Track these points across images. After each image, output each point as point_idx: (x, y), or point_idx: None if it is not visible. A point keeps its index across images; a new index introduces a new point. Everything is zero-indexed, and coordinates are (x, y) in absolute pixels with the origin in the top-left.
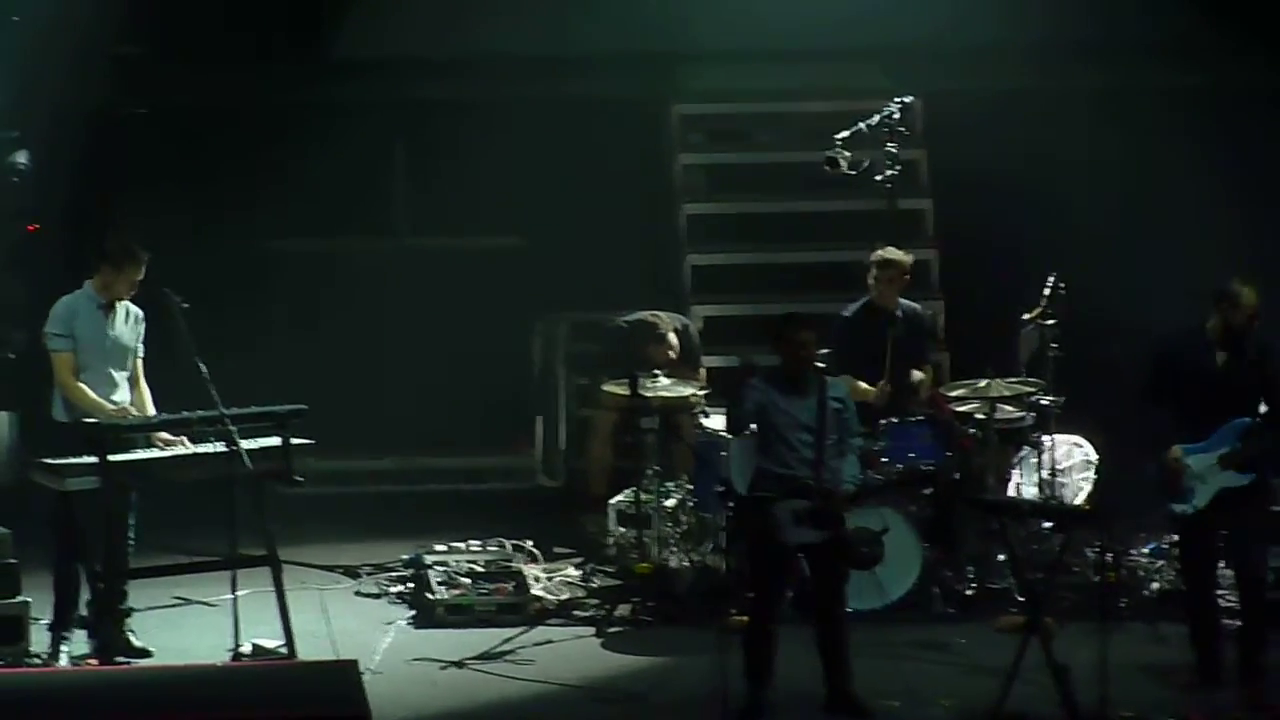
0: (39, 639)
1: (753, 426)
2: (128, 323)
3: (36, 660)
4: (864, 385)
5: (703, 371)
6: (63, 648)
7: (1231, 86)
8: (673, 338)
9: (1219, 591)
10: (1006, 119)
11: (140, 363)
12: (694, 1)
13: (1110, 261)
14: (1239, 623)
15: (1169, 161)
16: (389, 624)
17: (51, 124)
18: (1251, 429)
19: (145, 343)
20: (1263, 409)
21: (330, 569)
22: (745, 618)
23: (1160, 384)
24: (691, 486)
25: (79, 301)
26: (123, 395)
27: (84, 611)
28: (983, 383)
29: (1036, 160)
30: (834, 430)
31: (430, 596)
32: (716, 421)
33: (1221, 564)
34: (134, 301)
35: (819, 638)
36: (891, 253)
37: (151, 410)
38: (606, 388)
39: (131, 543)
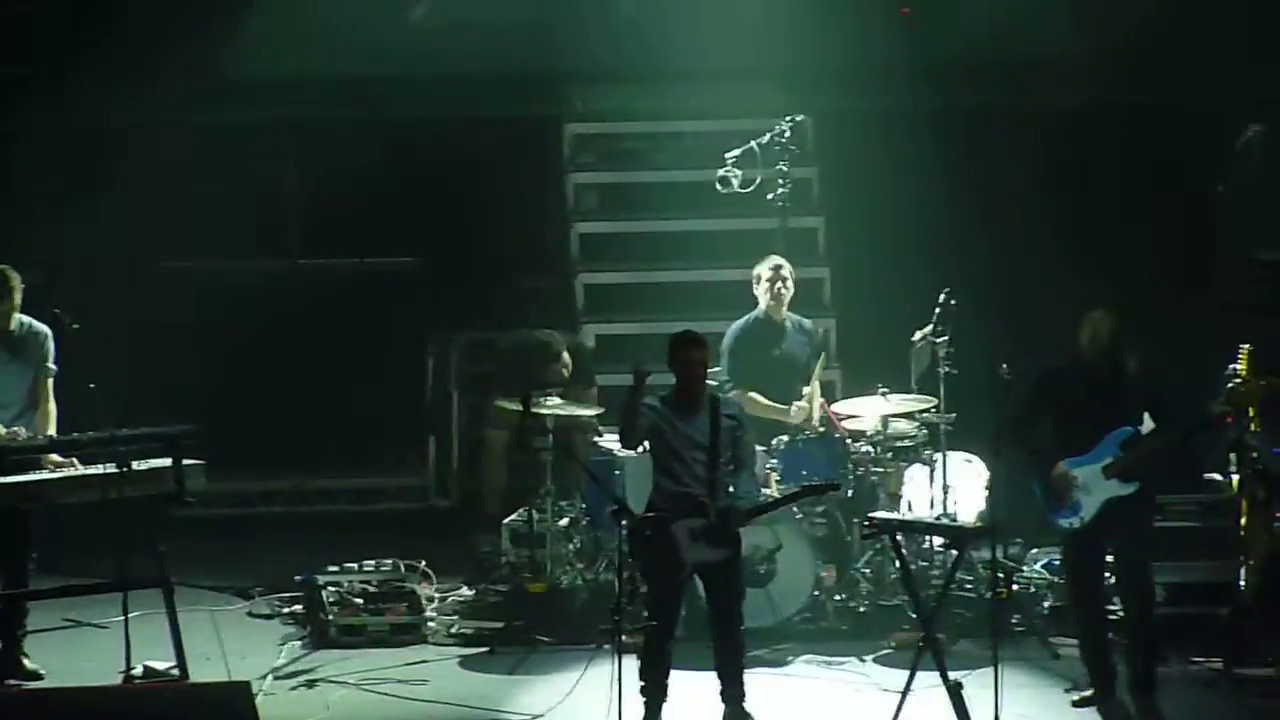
0: None
1: (645, 445)
2: (29, 343)
3: None
4: (777, 405)
5: (595, 390)
6: None
7: (1116, 105)
8: (566, 356)
9: (1108, 606)
10: (898, 137)
11: (50, 383)
12: (585, 22)
13: (1001, 279)
14: (1128, 638)
15: (1060, 180)
16: (282, 645)
17: None
18: (1132, 438)
19: (57, 361)
20: (1147, 425)
21: (222, 590)
22: (641, 637)
23: (1039, 401)
24: (585, 505)
25: None
26: (24, 417)
27: None
28: (875, 400)
29: (927, 179)
30: (728, 448)
31: (323, 617)
32: (610, 441)
33: (1110, 577)
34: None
35: (716, 655)
36: (775, 259)
37: (52, 431)
38: (500, 406)
39: (32, 566)
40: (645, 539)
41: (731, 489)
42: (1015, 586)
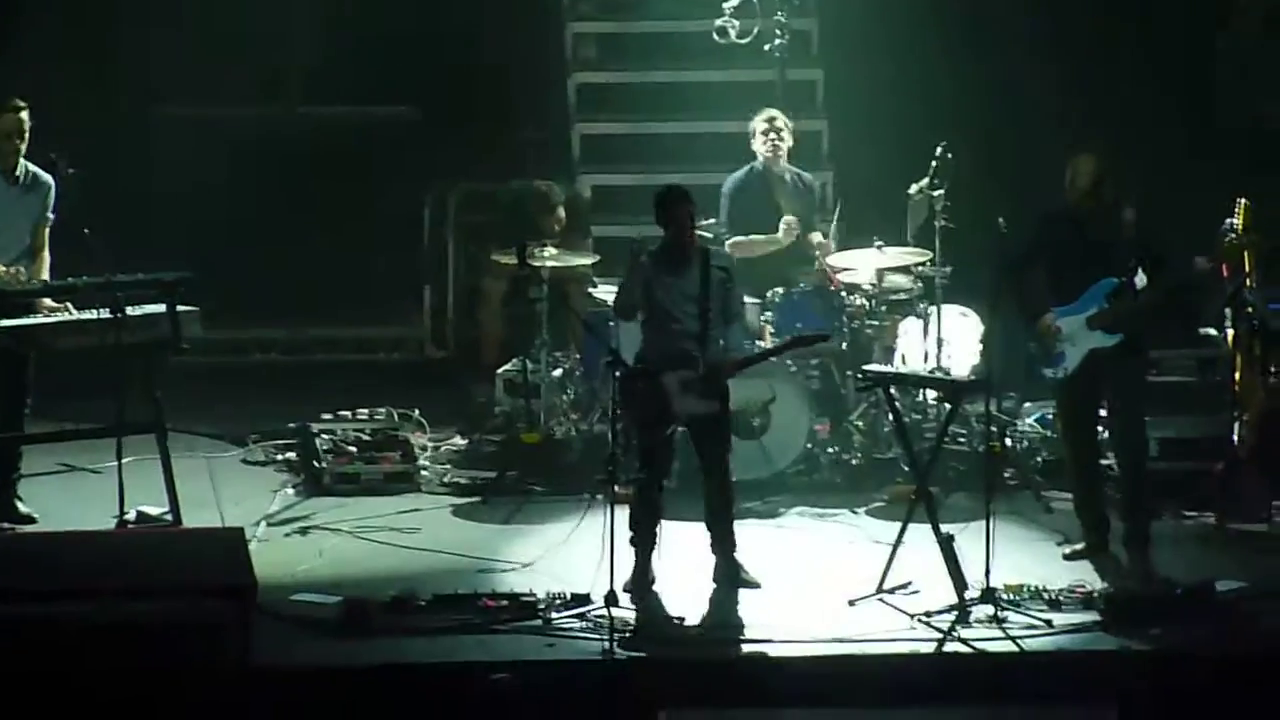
0: None
1: (640, 315)
2: (33, 189)
3: None
4: (764, 236)
5: (591, 241)
6: None
7: None
8: (561, 211)
9: (1102, 460)
10: None
11: (47, 231)
12: None
13: (1000, 131)
14: (1121, 492)
15: (1060, 28)
16: (275, 492)
17: None
18: (1119, 289)
19: (55, 211)
20: (1141, 278)
21: (217, 437)
22: (633, 488)
23: (1033, 249)
24: (580, 356)
25: None
26: (20, 261)
27: None
28: (870, 253)
29: (926, 30)
30: (718, 300)
31: (317, 465)
32: (606, 292)
33: (1104, 431)
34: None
35: (706, 508)
36: (770, 110)
37: (46, 277)
38: (496, 257)
39: (27, 411)
40: (636, 390)
41: (721, 341)
42: (1009, 440)
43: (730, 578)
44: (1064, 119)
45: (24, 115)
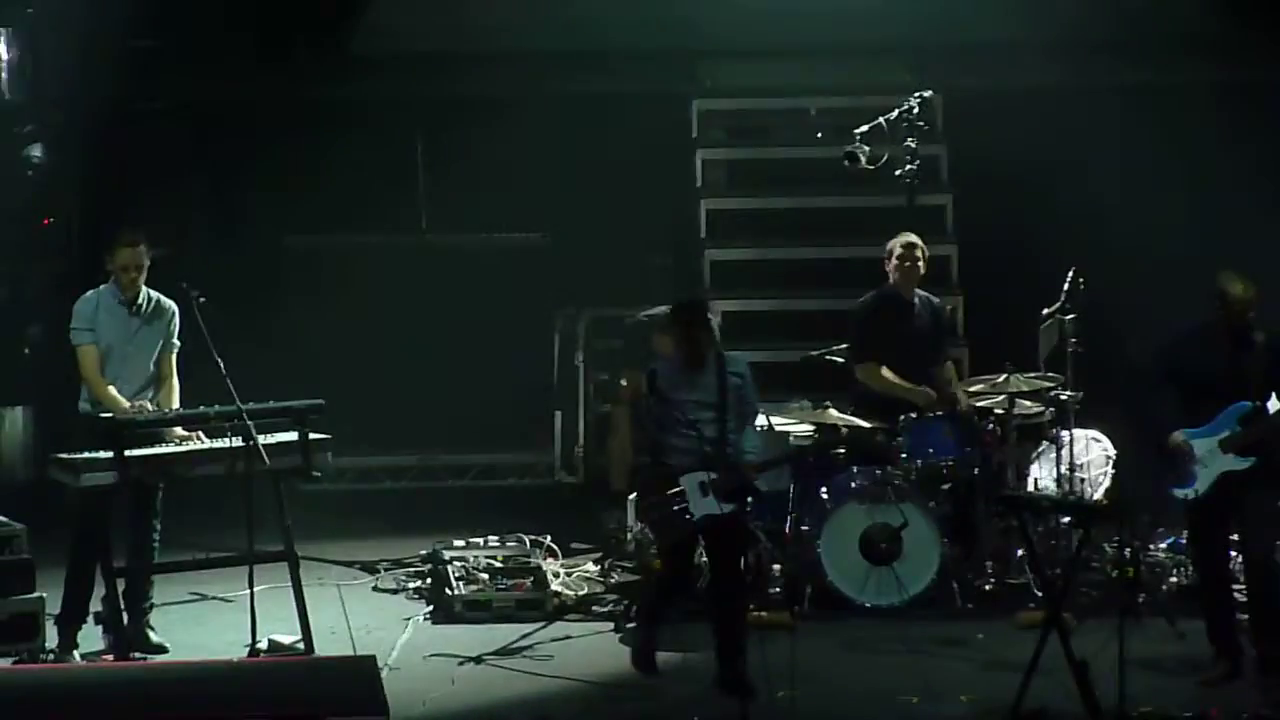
0: (54, 636)
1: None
2: (155, 318)
3: (50, 656)
4: (907, 384)
5: None
6: (74, 644)
7: (1260, 81)
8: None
9: (1235, 586)
10: (1027, 114)
11: (174, 357)
12: None
13: (1131, 257)
14: (1251, 617)
15: (1192, 157)
16: (407, 619)
17: (67, 118)
18: (1253, 413)
19: (181, 337)
20: (1274, 403)
21: (348, 564)
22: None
23: (1162, 368)
24: None
25: (102, 296)
26: (149, 390)
27: (99, 608)
28: (1002, 378)
29: (1056, 156)
30: (735, 405)
31: (449, 592)
32: None
33: (1236, 557)
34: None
35: (714, 614)
36: (910, 236)
37: (176, 405)
38: (624, 382)
39: (156, 540)
40: (654, 491)
41: (736, 444)
42: (1142, 566)
43: (733, 686)
44: (1193, 242)
45: (140, 248)
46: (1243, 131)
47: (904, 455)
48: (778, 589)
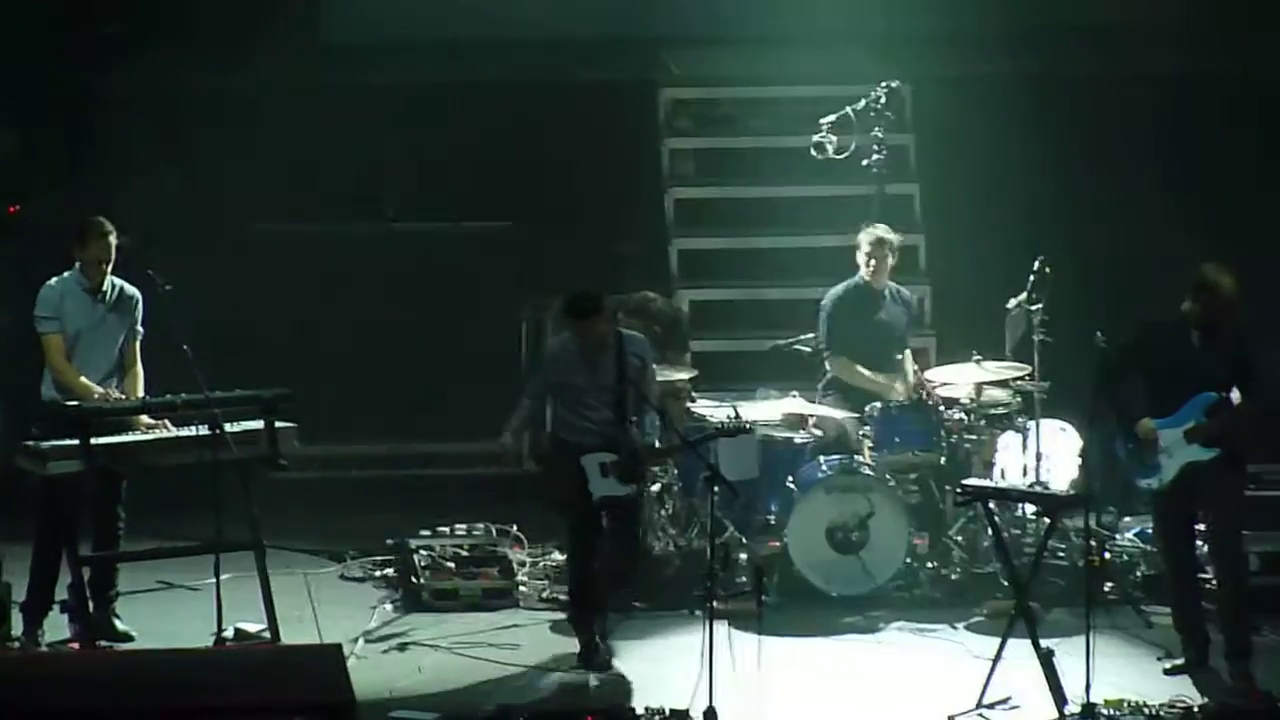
0: (20, 623)
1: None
2: (120, 305)
3: (16, 644)
4: (876, 377)
5: (689, 356)
6: (40, 631)
7: (1229, 73)
8: (663, 319)
9: (1201, 574)
10: (994, 104)
11: (138, 346)
12: None
13: (1098, 247)
14: (1219, 606)
15: (1158, 148)
16: (374, 608)
17: (34, 105)
18: (1217, 404)
19: (144, 325)
20: (1235, 395)
21: (315, 553)
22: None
23: (1130, 357)
24: (678, 471)
25: (67, 285)
26: (113, 378)
27: (64, 595)
28: (969, 367)
29: (1023, 145)
30: (634, 388)
31: (415, 581)
32: (703, 407)
33: (1203, 546)
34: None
35: (601, 577)
36: (882, 230)
37: (141, 393)
38: None
39: (121, 528)
40: (554, 470)
41: (636, 426)
42: (1108, 554)
43: (592, 660)
44: (1165, 233)
45: (112, 239)
46: (1211, 122)
47: (871, 445)
48: (744, 578)
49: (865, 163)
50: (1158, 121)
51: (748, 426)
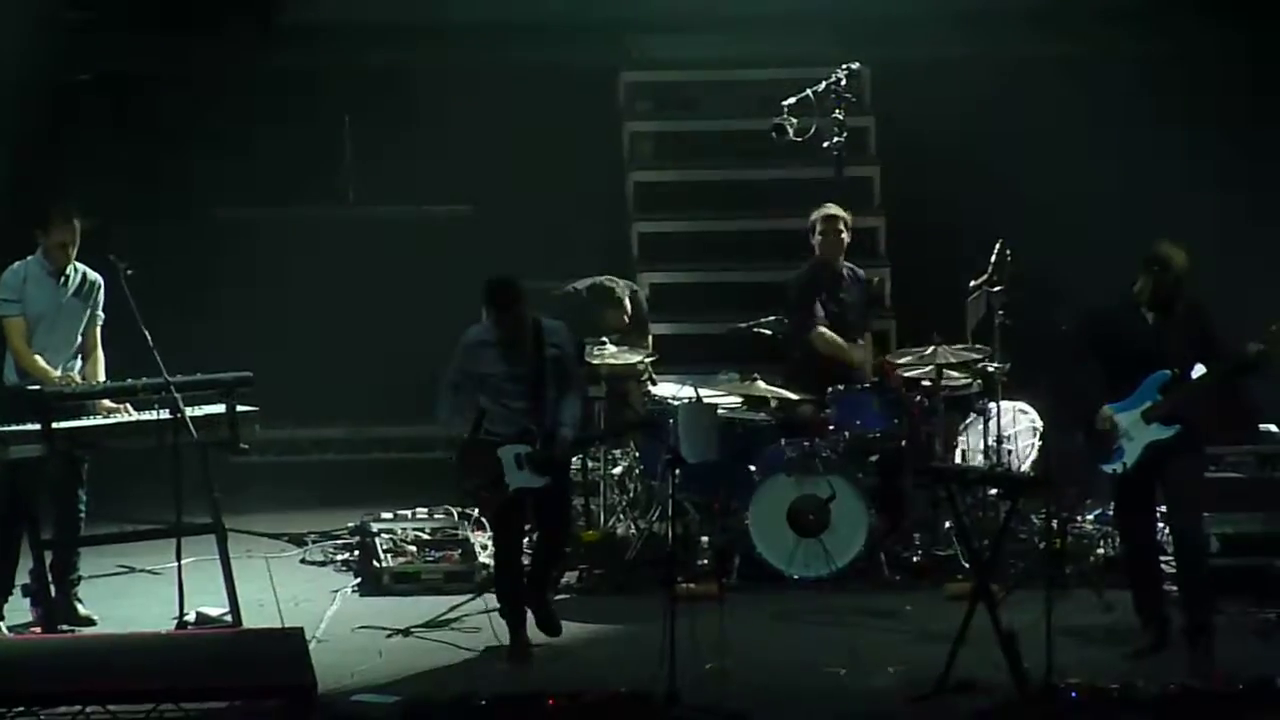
0: None
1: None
2: (82, 289)
3: None
4: (842, 342)
5: (651, 339)
6: (0, 616)
7: (1190, 54)
8: (627, 303)
9: (1162, 557)
10: (955, 86)
11: (98, 330)
12: None
13: (1057, 229)
14: (1180, 587)
15: (1122, 129)
16: (335, 592)
17: None
18: (1171, 381)
19: (106, 309)
20: (1198, 369)
21: (276, 537)
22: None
23: (1086, 347)
24: (639, 454)
25: (30, 268)
26: (74, 362)
27: (26, 580)
28: (929, 349)
29: (984, 127)
30: (551, 376)
31: (376, 564)
32: (664, 389)
33: (1163, 528)
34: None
35: (531, 571)
36: (831, 207)
37: (102, 378)
38: None
39: (82, 512)
40: (471, 460)
41: (555, 416)
42: (1069, 537)
43: (549, 624)
44: (1121, 214)
45: (75, 224)
46: (1173, 104)
47: (831, 427)
48: (705, 561)
49: (826, 145)
50: (1120, 102)
51: (655, 421)
